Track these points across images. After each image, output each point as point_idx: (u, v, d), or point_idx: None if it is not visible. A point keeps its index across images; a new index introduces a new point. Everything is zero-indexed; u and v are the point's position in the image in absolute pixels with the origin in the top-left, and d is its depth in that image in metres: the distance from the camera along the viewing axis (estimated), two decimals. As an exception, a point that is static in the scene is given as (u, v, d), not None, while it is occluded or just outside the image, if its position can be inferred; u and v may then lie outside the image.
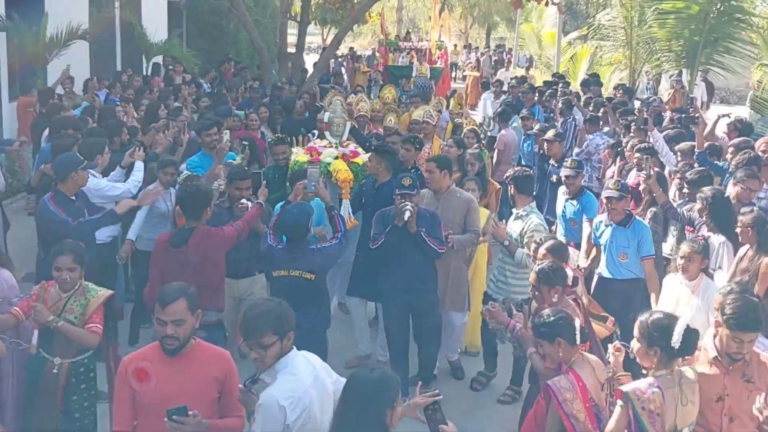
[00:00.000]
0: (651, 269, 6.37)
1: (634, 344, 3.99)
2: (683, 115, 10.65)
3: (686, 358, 3.99)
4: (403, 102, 12.90)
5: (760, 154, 7.61)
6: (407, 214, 5.92)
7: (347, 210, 7.07)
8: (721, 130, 9.77)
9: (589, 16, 20.14)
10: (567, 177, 7.52)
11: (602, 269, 6.65)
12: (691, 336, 3.85)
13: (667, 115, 10.95)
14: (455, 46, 33.78)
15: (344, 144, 7.92)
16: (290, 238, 5.47)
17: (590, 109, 11.59)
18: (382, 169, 6.94)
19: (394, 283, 6.27)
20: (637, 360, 4.03)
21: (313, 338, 5.19)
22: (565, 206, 7.67)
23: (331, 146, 7.76)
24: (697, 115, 10.71)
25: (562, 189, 7.77)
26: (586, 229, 7.23)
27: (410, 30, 39.67)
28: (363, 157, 7.53)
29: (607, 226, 6.61)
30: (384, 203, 6.45)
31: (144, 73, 16.27)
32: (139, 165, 7.05)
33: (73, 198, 6.15)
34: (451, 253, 6.50)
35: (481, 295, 7.05)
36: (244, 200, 6.22)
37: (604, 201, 6.69)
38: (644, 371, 4.01)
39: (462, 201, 6.64)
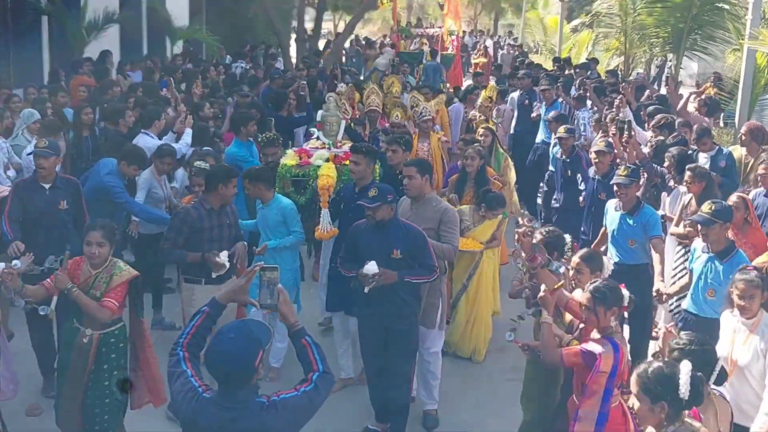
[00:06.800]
0: None
1: (634, 403, 3.49)
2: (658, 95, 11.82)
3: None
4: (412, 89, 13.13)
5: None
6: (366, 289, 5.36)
7: (327, 220, 6.63)
8: (692, 106, 10.92)
9: (592, 1, 21.09)
10: (619, 187, 6.54)
11: (686, 300, 5.88)
12: (699, 384, 3.36)
13: (646, 92, 12.10)
14: (466, 32, 34.43)
15: (338, 144, 7.46)
16: (224, 384, 3.26)
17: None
18: (369, 172, 6.39)
19: (369, 305, 5.60)
20: (639, 424, 3.54)
21: None
22: (620, 222, 6.64)
23: (324, 147, 7.38)
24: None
25: (613, 202, 6.81)
26: (656, 246, 6.47)
27: (420, 17, 40.59)
28: None
29: (704, 252, 5.75)
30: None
31: (168, 55, 17.53)
32: (188, 130, 8.36)
33: (45, 186, 6.19)
34: None
35: (486, 304, 7.02)
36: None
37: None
38: None
39: (436, 211, 5.97)
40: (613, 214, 6.72)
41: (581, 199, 8.32)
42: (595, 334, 4.36)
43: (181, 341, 3.48)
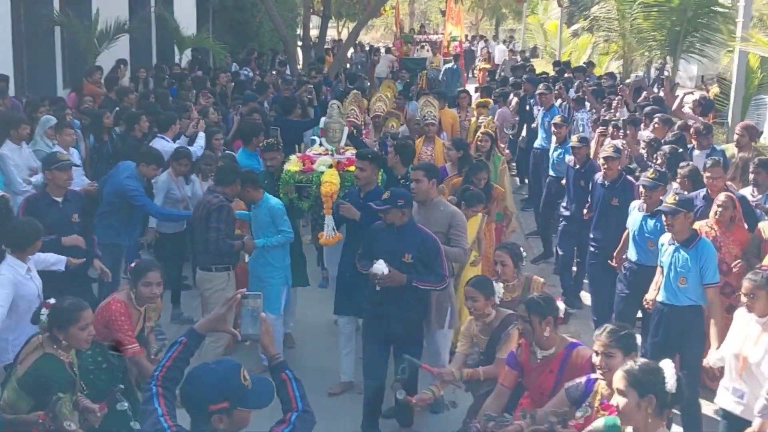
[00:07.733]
0: (714, 298, 5.80)
1: (618, 400, 3.38)
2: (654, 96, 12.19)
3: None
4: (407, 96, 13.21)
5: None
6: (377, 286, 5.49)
7: (331, 226, 6.68)
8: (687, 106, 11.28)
9: (590, 5, 21.53)
10: (645, 189, 6.54)
11: (660, 293, 6.02)
12: (682, 383, 3.39)
13: (643, 94, 12.47)
14: (472, 37, 34.69)
15: (341, 151, 7.54)
16: (196, 417, 2.99)
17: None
18: (375, 178, 6.52)
19: (374, 308, 5.72)
20: (621, 422, 3.44)
21: None
22: (642, 223, 6.71)
23: (327, 153, 7.46)
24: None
25: (636, 203, 6.90)
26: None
27: (423, 23, 40.95)
28: None
29: (670, 245, 5.96)
30: (371, 213, 5.89)
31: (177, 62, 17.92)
32: (201, 134, 8.71)
33: (58, 200, 6.31)
34: None
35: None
36: None
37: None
38: None
39: (445, 215, 6.12)
40: (636, 214, 6.79)
41: (584, 211, 8.15)
42: (542, 352, 4.41)
43: (156, 374, 3.14)
